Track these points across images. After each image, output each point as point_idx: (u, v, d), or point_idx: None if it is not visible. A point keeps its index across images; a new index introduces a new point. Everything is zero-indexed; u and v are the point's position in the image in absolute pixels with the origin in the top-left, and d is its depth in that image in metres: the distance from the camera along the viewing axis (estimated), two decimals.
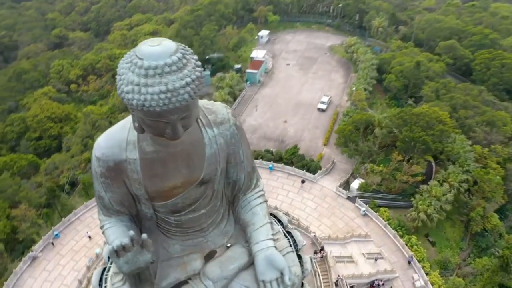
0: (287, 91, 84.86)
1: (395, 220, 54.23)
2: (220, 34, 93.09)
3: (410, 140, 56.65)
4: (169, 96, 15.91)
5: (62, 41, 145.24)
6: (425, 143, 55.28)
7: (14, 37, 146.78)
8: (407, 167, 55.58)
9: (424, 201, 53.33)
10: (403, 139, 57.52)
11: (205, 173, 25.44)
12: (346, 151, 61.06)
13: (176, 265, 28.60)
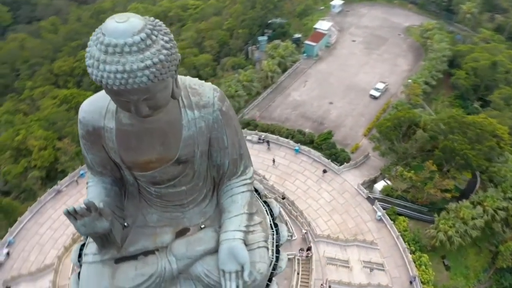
0: (344, 70, 79.76)
1: (411, 233, 50.05)
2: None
3: (450, 151, 50.77)
4: (125, 77, 14.78)
5: None
6: (465, 158, 49.17)
7: None
8: (439, 180, 50.23)
9: (448, 220, 48.27)
10: (442, 148, 51.71)
11: (180, 154, 24.33)
12: (378, 148, 56.59)
13: (148, 234, 28.53)
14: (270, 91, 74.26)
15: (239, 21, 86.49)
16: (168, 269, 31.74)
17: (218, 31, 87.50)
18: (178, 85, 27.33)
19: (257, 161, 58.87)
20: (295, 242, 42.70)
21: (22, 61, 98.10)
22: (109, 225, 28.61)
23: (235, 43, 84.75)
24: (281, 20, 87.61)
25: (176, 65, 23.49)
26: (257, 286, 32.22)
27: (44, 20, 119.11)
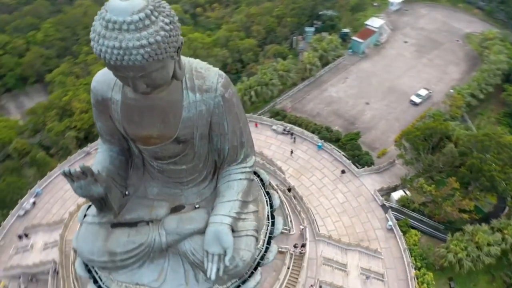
0: (388, 72, 76.86)
1: (420, 249, 48.12)
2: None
3: (477, 170, 47.86)
4: (121, 53, 16.67)
5: None
6: (491, 180, 46.16)
7: None
8: (458, 198, 47.62)
9: (460, 242, 45.84)
10: (469, 166, 48.82)
11: (179, 133, 26.10)
12: (402, 156, 54.44)
13: (146, 205, 30.78)
14: (307, 84, 73.40)
15: (289, 9, 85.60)
16: (158, 241, 33.39)
17: (267, 17, 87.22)
18: (182, 67, 28.13)
19: (277, 151, 59.00)
20: (293, 237, 42.44)
21: (82, 27, 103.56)
22: (103, 191, 30.42)
23: (282, 31, 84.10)
24: (332, 12, 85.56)
25: (176, 48, 24.18)
26: (239, 272, 33.00)
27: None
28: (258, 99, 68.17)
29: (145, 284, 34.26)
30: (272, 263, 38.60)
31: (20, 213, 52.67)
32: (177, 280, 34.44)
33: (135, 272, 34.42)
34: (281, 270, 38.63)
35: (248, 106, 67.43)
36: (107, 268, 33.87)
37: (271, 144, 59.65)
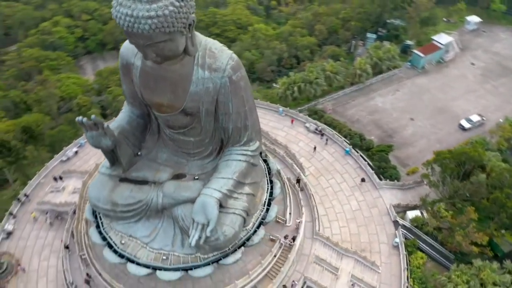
0: (443, 91, 73.43)
1: (422, 273, 46.52)
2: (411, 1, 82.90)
3: (500, 205, 45.09)
4: (132, 21, 21.43)
5: None
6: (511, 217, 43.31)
7: None
8: (472, 230, 45.17)
9: (464, 274, 43.63)
10: (493, 199, 46.02)
11: (186, 106, 30.46)
12: (427, 176, 52.45)
13: (152, 168, 35.43)
14: (355, 89, 72.64)
15: (355, 13, 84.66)
16: (154, 201, 36.75)
17: (332, 18, 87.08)
18: (195, 44, 31.15)
19: (304, 148, 59.65)
20: (288, 229, 43.25)
21: None
22: (111, 144, 34.29)
23: (344, 34, 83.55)
24: (400, 22, 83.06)
25: (185, 24, 27.16)
26: (219, 245, 35.39)
27: None
28: (301, 95, 68.93)
29: (137, 238, 37.91)
30: (261, 248, 40.41)
31: (63, 159, 59.07)
32: (165, 240, 37.59)
33: (132, 226, 38.16)
34: (266, 256, 40.01)
35: (289, 100, 68.57)
36: (109, 216, 37.88)
37: (300, 140, 60.42)
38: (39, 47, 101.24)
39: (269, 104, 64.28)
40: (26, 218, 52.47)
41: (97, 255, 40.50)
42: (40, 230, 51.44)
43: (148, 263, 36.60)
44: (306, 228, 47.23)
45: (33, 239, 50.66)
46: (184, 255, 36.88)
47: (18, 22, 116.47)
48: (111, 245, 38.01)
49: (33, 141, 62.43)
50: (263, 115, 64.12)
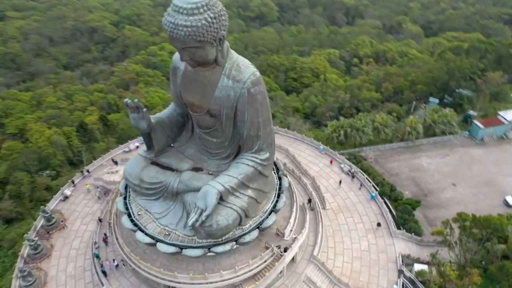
0: (498, 165, 71.23)
1: None
2: (482, 74, 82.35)
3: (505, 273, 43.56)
4: (172, 27, 33.61)
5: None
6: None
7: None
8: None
9: None
10: (500, 266, 44.50)
11: (210, 107, 42.49)
12: (441, 231, 51.84)
13: (178, 158, 46.79)
14: (403, 146, 73.87)
15: (423, 77, 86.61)
16: (171, 185, 45.31)
17: (401, 79, 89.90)
18: (224, 56, 40.80)
19: (333, 185, 62.41)
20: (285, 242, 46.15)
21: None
22: (147, 127, 44.11)
23: (408, 95, 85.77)
24: (468, 93, 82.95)
25: (214, 37, 36.47)
26: (212, 232, 42.51)
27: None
28: (347, 140, 72.28)
29: (151, 213, 44.92)
30: (255, 252, 44.62)
31: (125, 150, 69.31)
32: (172, 220, 44.04)
33: (150, 202, 45.42)
34: (255, 259, 43.72)
35: (335, 143, 72.24)
36: (136, 191, 45.62)
37: (331, 178, 63.42)
38: (143, 64, 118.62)
39: (312, 140, 68.71)
40: (82, 189, 62.39)
41: (119, 223, 47.82)
42: (89, 201, 60.72)
43: (153, 235, 42.69)
44: (306, 251, 50.05)
45: (82, 206, 60.01)
46: (183, 235, 42.42)
47: (134, 43, 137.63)
48: (130, 215, 45.07)
49: (107, 130, 74.22)
50: (304, 149, 68.71)
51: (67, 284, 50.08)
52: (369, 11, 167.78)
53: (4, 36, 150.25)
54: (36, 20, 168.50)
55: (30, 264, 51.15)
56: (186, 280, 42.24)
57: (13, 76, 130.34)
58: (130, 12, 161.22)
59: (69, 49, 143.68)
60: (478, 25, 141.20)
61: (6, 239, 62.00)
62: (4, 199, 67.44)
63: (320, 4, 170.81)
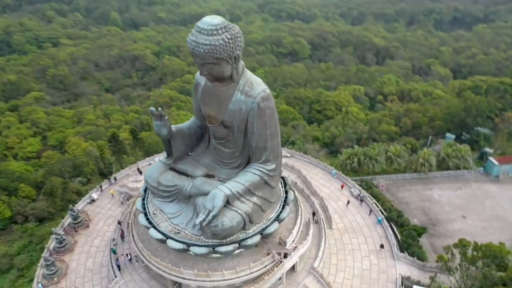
0: (511, 202, 71.34)
1: None
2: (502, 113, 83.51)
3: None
4: (194, 45, 42.09)
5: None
6: None
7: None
8: None
9: None
10: None
11: (224, 119, 50.76)
12: (442, 258, 52.93)
13: (194, 165, 54.50)
14: (416, 177, 75.59)
15: (442, 113, 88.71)
16: (185, 189, 51.40)
17: (420, 115, 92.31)
18: (239, 73, 47.77)
19: (341, 207, 64.82)
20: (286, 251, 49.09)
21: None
22: (167, 134, 50.76)
23: (426, 130, 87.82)
24: (485, 130, 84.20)
25: (230, 56, 43.34)
26: (217, 232, 47.88)
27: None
28: (360, 168, 74.94)
29: (165, 213, 49.43)
30: (256, 257, 47.82)
31: (151, 162, 74.81)
32: (183, 220, 48.38)
33: (165, 203, 50.07)
34: (256, 263, 46.77)
35: (348, 170, 75.01)
36: (153, 192, 50.49)
37: (340, 200, 65.97)
38: (177, 90, 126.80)
39: (326, 165, 71.87)
40: (108, 194, 67.86)
41: (136, 222, 52.40)
42: (113, 205, 65.92)
43: (164, 232, 46.86)
44: (307, 263, 52.52)
45: (106, 209, 65.23)
46: (192, 234, 46.39)
47: (171, 71, 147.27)
48: (146, 214, 49.63)
49: (136, 143, 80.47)
50: (317, 173, 71.84)
51: (85, 277, 54.46)
52: (399, 53, 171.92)
53: (55, 60, 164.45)
54: (86, 47, 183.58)
55: (54, 256, 56.14)
56: (191, 276, 45.72)
57: (59, 96, 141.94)
58: (170, 44, 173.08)
59: (112, 74, 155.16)
60: (508, 70, 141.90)
61: (36, 235, 67.75)
62: (38, 200, 73.91)
63: (351, 44, 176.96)
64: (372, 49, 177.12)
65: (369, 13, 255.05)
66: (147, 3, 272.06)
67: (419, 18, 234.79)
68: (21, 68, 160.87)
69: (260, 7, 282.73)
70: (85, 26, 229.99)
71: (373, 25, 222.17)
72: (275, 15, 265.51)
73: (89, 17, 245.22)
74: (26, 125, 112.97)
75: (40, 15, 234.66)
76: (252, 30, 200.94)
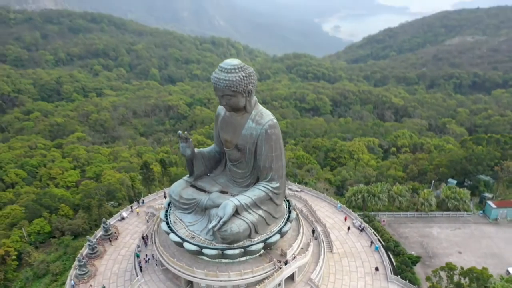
0: (507, 243, 75.47)
1: None
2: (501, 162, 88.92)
3: None
4: (216, 80, 57.76)
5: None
6: None
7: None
8: None
9: None
10: None
11: (238, 143, 66.64)
12: (430, 279, 57.90)
13: (211, 183, 69.13)
14: (417, 215, 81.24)
15: (446, 161, 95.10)
16: (202, 202, 63.73)
17: (426, 163, 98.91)
18: (252, 106, 61.77)
19: (343, 236, 71.06)
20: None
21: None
22: (190, 155, 64.04)
23: (431, 176, 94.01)
24: (486, 178, 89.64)
25: (244, 90, 56.98)
26: (226, 237, 58.92)
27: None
28: (364, 204, 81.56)
29: (184, 222, 58.22)
30: (260, 264, 54.77)
31: None
32: (198, 228, 57.12)
33: (184, 214, 58.99)
34: (258, 268, 53.79)
35: (353, 206, 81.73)
36: (175, 205, 59.58)
37: (342, 230, 72.39)
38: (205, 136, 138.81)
39: (332, 199, 79.05)
40: (135, 213, 77.07)
41: (159, 231, 60.91)
42: (140, 223, 74.81)
43: (182, 236, 55.18)
44: (305, 276, 58.72)
45: (133, 226, 74.13)
46: (205, 239, 54.49)
47: (201, 119, 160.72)
48: (167, 222, 58.31)
49: (164, 172, 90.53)
50: (323, 206, 78.92)
51: (111, 279, 62.43)
52: (417, 112, 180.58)
53: (98, 107, 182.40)
54: (126, 97, 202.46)
55: (86, 259, 64.71)
56: (202, 276, 53.20)
57: (99, 137, 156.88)
58: (202, 96, 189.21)
59: (147, 121, 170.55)
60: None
61: (71, 247, 76.76)
62: (75, 217, 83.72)
63: (370, 102, 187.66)
64: (391, 108, 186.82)
65: (392, 76, 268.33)
66: (184, 61, 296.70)
67: (439, 82, 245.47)
68: (67, 112, 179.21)
69: (288, 68, 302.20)
70: (127, 80, 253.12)
71: (394, 87, 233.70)
72: (302, 76, 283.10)
73: (132, 72, 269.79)
74: (68, 160, 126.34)
75: (88, 69, 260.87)
76: (278, 87, 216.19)
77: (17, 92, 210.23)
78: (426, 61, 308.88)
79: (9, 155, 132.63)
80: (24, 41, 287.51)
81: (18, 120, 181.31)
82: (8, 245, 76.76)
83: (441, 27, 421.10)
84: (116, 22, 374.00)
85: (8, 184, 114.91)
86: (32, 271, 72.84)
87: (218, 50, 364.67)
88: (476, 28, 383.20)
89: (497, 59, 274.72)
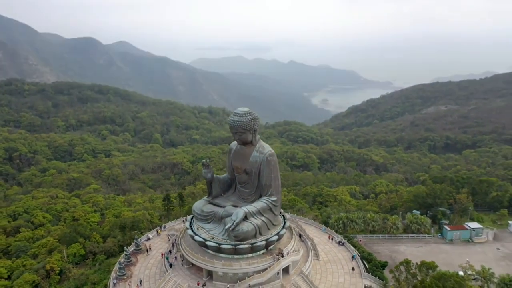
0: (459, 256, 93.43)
1: None
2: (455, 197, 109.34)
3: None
4: (232, 122, 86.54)
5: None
6: None
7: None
8: None
9: None
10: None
11: (247, 168, 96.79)
12: (392, 272, 75.66)
13: (225, 201, 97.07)
14: (387, 237, 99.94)
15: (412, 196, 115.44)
16: (218, 213, 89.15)
17: (397, 200, 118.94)
18: (256, 140, 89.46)
19: (327, 249, 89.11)
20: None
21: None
22: (210, 178, 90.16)
23: (400, 209, 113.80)
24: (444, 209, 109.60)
25: (251, 129, 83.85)
26: (237, 235, 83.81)
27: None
28: (344, 228, 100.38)
29: (204, 228, 76.91)
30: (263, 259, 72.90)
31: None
32: (216, 232, 75.68)
33: (205, 223, 78.46)
34: (262, 259, 71.88)
35: (335, 229, 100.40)
36: (197, 218, 78.98)
37: (326, 245, 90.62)
38: None
39: (318, 224, 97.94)
40: (158, 235, 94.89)
41: (185, 237, 79.21)
42: (162, 242, 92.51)
43: (204, 237, 73.86)
44: (297, 270, 76.37)
45: (157, 244, 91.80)
46: (222, 239, 73.16)
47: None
48: (192, 229, 77.11)
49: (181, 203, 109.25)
50: (311, 230, 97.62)
51: (144, 279, 79.27)
52: (395, 168, 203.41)
53: (109, 165, 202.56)
54: (134, 157, 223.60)
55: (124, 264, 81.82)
56: (219, 265, 71.09)
57: (112, 190, 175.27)
58: (203, 155, 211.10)
59: (154, 176, 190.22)
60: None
61: (104, 264, 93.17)
62: (107, 242, 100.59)
63: (353, 160, 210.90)
64: (372, 165, 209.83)
65: (374, 140, 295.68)
66: (184, 127, 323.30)
67: (416, 144, 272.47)
68: (82, 169, 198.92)
69: (280, 133, 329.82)
70: (132, 143, 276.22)
71: (376, 148, 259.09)
72: (292, 140, 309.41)
73: (136, 136, 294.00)
74: (88, 205, 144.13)
75: (97, 133, 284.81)
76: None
77: (33, 152, 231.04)
78: (404, 127, 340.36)
79: (34, 203, 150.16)
80: (37, 109, 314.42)
81: (35, 176, 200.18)
82: (53, 262, 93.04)
83: (417, 98, 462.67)
84: (121, 93, 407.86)
85: (36, 225, 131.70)
86: (74, 282, 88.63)
87: (214, 118, 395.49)
88: (449, 99, 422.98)
89: (467, 125, 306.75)
